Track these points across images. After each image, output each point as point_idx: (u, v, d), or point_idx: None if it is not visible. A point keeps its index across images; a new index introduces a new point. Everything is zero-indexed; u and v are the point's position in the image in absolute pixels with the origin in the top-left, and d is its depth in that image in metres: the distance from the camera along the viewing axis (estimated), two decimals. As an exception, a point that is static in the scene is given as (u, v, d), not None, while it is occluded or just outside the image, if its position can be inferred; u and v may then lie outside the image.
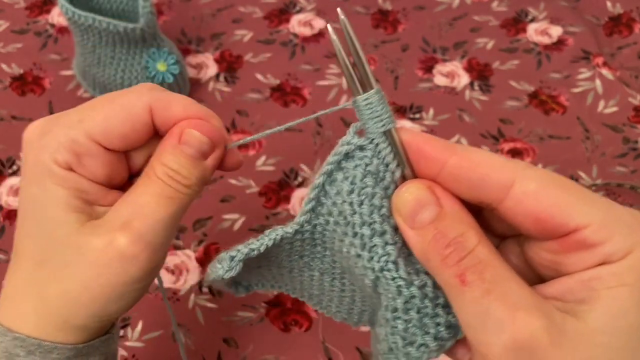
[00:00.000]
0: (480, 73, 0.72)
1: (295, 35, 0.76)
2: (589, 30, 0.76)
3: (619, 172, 0.63)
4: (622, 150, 0.65)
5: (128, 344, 0.52)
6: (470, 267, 0.26)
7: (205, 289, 0.56)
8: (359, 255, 0.28)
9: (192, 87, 0.70)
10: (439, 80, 0.72)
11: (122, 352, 0.52)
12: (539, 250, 0.28)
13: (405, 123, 0.67)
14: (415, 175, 0.28)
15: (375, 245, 0.28)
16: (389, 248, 0.28)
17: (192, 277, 0.56)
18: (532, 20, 0.78)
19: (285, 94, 0.70)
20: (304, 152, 0.65)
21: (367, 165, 0.28)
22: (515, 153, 0.65)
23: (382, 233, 0.28)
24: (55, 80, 0.71)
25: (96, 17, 0.60)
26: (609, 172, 0.63)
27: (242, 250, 0.31)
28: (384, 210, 0.28)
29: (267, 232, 0.31)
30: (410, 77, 0.72)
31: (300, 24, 0.77)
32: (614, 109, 0.68)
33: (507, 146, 0.65)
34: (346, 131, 0.29)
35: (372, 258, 0.28)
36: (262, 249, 0.30)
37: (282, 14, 0.78)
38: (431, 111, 0.68)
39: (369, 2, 0.80)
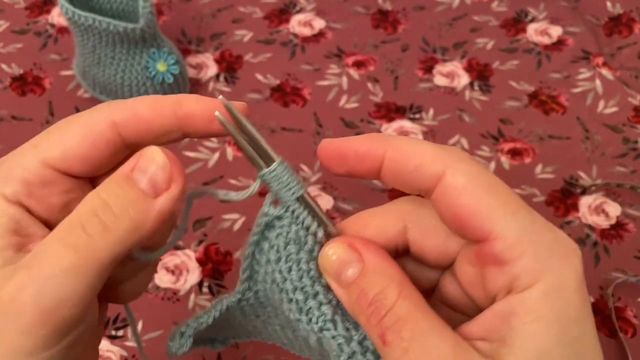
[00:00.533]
0: (480, 73, 0.72)
1: (295, 35, 0.76)
2: (589, 30, 0.76)
3: (619, 172, 0.63)
4: (622, 150, 0.65)
5: (128, 344, 0.52)
6: (390, 327, 0.25)
7: (205, 289, 0.56)
8: (298, 319, 0.28)
9: (192, 87, 0.70)
10: (439, 80, 0.72)
11: (122, 352, 0.52)
12: (464, 266, 0.27)
13: (405, 123, 0.67)
14: (337, 231, 0.29)
15: (310, 307, 0.28)
16: (324, 308, 0.28)
17: (192, 277, 0.56)
18: (532, 20, 0.78)
19: (285, 94, 0.70)
20: (304, 152, 0.65)
21: (287, 233, 0.28)
22: (515, 153, 0.65)
23: (315, 295, 0.28)
24: (55, 80, 0.71)
25: (96, 17, 0.60)
26: (609, 172, 0.63)
27: (191, 324, 0.31)
28: (312, 273, 0.28)
29: (214, 302, 0.31)
30: (410, 77, 0.72)
31: (300, 24, 0.77)
32: (614, 109, 0.69)
33: (507, 146, 0.65)
34: (346, 131, 0.30)
35: (310, 320, 0.28)
36: (210, 320, 0.31)
37: (282, 14, 0.78)
38: (431, 111, 0.68)
39: (369, 2, 0.80)
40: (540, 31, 0.77)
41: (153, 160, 0.26)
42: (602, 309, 0.55)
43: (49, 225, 0.28)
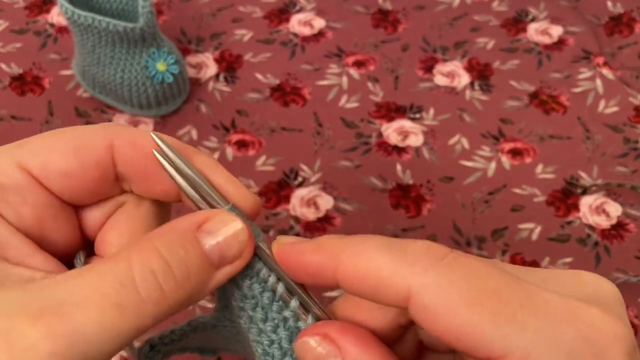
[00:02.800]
0: (480, 73, 0.72)
1: (295, 35, 0.76)
2: (590, 30, 0.76)
3: (619, 172, 0.63)
4: (623, 150, 0.65)
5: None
6: None
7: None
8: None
9: (192, 87, 0.70)
10: (439, 80, 0.71)
11: (122, 352, 0.52)
12: None
13: (405, 123, 0.67)
14: (296, 284, 0.25)
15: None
16: None
17: (191, 277, 0.56)
18: (533, 20, 0.78)
19: (285, 94, 0.70)
20: (304, 152, 0.65)
21: (241, 285, 0.25)
22: (515, 153, 0.65)
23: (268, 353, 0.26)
24: (54, 80, 0.71)
25: (96, 16, 0.60)
26: (609, 172, 0.63)
27: (162, 338, 0.30)
28: (268, 331, 0.26)
29: (192, 320, 0.31)
30: (411, 77, 0.72)
31: (300, 23, 0.77)
32: (615, 109, 0.68)
33: (507, 146, 0.65)
34: (346, 131, 0.29)
35: None
36: (177, 336, 0.30)
37: (282, 14, 0.78)
38: (431, 111, 0.68)
39: (369, 1, 0.80)
40: (541, 31, 0.76)
41: (229, 227, 0.23)
42: (602, 309, 0.54)
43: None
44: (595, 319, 0.19)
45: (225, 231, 0.23)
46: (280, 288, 0.25)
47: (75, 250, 0.25)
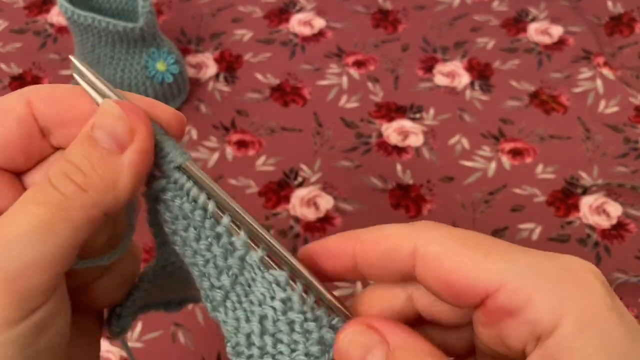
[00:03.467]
0: (480, 73, 0.72)
1: (295, 34, 0.76)
2: (590, 30, 0.76)
3: (619, 172, 0.63)
4: (623, 150, 0.65)
5: (128, 344, 0.52)
6: None
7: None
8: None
9: (192, 87, 0.70)
10: (440, 80, 0.71)
11: (121, 352, 0.52)
12: (480, 329, 0.24)
13: (405, 123, 0.67)
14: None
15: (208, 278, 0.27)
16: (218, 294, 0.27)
17: (191, 277, 0.56)
18: (533, 19, 0.78)
19: (285, 94, 0.70)
20: (304, 152, 0.65)
21: (172, 206, 0.26)
22: (515, 153, 0.65)
23: (206, 274, 0.27)
24: (54, 80, 0.71)
25: (96, 16, 0.60)
26: (609, 172, 0.63)
27: (125, 304, 0.30)
28: (202, 250, 0.26)
29: (141, 272, 0.30)
30: (411, 77, 0.72)
31: (300, 23, 0.77)
32: (615, 109, 0.68)
33: (507, 146, 0.65)
34: (346, 131, 0.29)
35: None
36: (142, 295, 0.30)
37: (282, 14, 0.78)
38: (431, 111, 0.68)
39: (369, 1, 0.80)
40: (541, 31, 0.76)
41: (108, 114, 0.24)
42: (603, 309, 0.54)
43: None
44: (571, 259, 0.23)
45: (108, 121, 0.24)
46: (211, 206, 0.25)
47: None
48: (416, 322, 0.27)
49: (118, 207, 0.24)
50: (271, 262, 0.26)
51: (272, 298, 0.26)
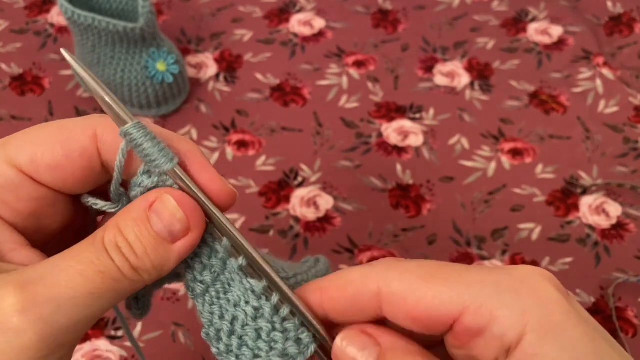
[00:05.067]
0: (480, 73, 0.72)
1: (295, 35, 0.76)
2: (590, 30, 0.76)
3: (619, 172, 0.63)
4: (623, 150, 0.65)
5: (128, 344, 0.52)
6: None
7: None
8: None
9: (192, 87, 0.70)
10: (439, 80, 0.71)
11: (122, 352, 0.52)
12: (453, 350, 0.26)
13: (405, 123, 0.67)
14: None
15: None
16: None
17: (191, 277, 0.56)
18: (533, 20, 0.78)
19: (285, 94, 0.70)
20: (304, 152, 0.65)
21: None
22: (515, 153, 0.65)
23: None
24: (54, 80, 0.71)
25: (96, 16, 0.60)
26: (609, 172, 0.63)
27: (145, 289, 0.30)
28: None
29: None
30: (411, 77, 0.72)
31: (300, 23, 0.77)
32: (615, 109, 0.68)
33: (507, 146, 0.65)
34: (346, 131, 0.29)
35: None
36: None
37: (282, 14, 0.78)
38: (431, 111, 0.68)
39: (369, 1, 0.80)
40: (541, 31, 0.76)
41: (168, 209, 0.25)
42: (602, 309, 0.54)
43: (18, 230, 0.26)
44: (524, 268, 0.24)
45: (166, 215, 0.25)
46: None
47: (75, 239, 0.26)
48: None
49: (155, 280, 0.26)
50: (252, 270, 0.28)
51: (247, 303, 0.27)
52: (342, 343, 0.26)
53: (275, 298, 0.27)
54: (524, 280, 0.24)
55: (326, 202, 0.61)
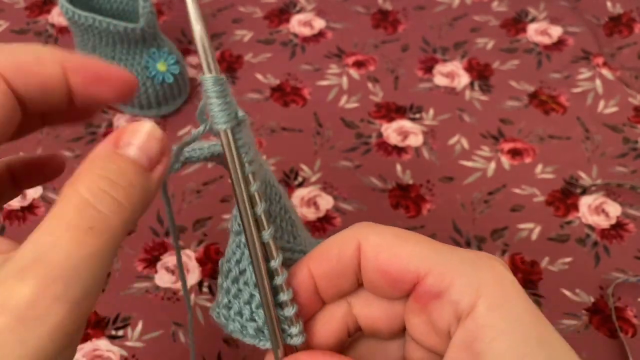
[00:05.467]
0: (480, 73, 0.72)
1: (295, 35, 0.76)
2: (589, 30, 0.76)
3: (619, 172, 0.63)
4: (623, 150, 0.65)
5: (128, 344, 0.52)
6: None
7: (205, 289, 0.56)
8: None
9: (193, 87, 0.70)
10: (439, 80, 0.71)
11: (122, 352, 0.52)
12: (412, 320, 0.28)
13: (405, 123, 0.67)
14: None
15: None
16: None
17: (192, 277, 0.56)
18: (532, 20, 0.78)
19: (285, 94, 0.70)
20: (304, 152, 0.65)
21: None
22: (515, 153, 0.65)
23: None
24: (55, 80, 0.71)
25: (96, 17, 0.60)
26: (609, 172, 0.63)
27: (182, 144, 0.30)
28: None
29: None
30: (410, 77, 0.72)
31: (300, 24, 0.77)
32: (614, 109, 0.68)
33: (507, 146, 0.65)
34: (346, 131, 0.30)
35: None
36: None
37: (282, 14, 0.78)
38: (431, 111, 0.68)
39: (369, 2, 0.80)
40: (541, 31, 0.77)
41: (147, 132, 0.24)
42: (602, 309, 0.55)
43: None
44: (485, 253, 0.27)
45: (141, 137, 0.24)
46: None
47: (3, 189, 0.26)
48: (354, 334, 0.30)
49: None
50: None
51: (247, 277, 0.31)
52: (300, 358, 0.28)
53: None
54: (485, 260, 0.26)
55: (326, 202, 0.61)
